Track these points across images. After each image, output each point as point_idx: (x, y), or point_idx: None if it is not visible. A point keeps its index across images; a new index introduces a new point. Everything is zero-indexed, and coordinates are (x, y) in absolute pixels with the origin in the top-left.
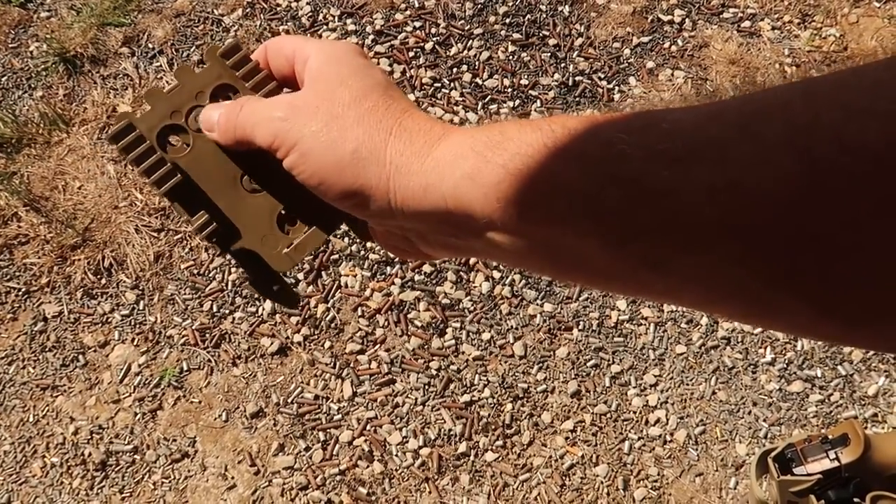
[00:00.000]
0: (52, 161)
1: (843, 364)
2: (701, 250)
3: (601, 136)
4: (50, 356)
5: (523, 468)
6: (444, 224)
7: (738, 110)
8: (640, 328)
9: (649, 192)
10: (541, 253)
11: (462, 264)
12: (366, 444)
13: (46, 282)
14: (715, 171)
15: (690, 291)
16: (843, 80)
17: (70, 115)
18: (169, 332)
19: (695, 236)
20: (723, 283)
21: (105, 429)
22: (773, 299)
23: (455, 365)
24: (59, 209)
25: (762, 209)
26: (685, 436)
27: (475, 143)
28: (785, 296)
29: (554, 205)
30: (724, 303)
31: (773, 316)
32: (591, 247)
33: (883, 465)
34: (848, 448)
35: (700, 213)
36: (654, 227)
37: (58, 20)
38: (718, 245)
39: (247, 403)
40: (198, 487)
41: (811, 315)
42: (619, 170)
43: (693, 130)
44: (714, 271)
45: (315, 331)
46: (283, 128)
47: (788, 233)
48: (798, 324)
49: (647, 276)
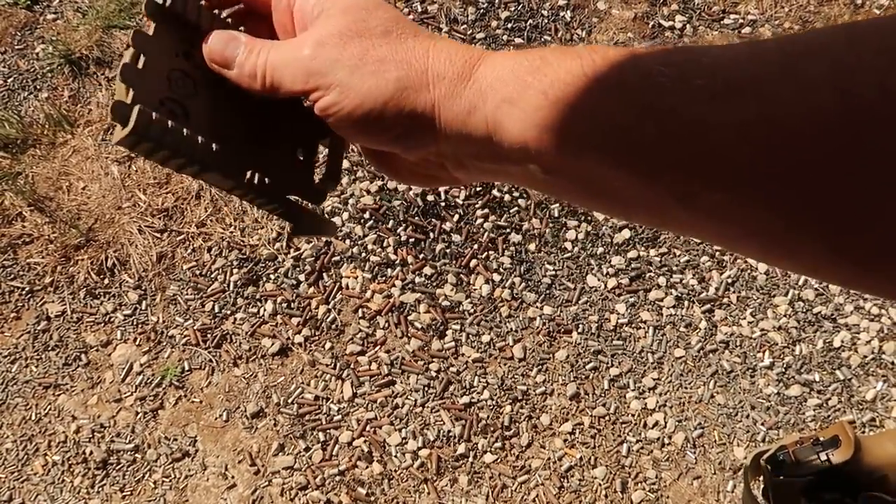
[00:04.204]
0: (57, 162)
1: (842, 368)
2: (729, 187)
3: (641, 67)
4: (52, 355)
5: (522, 470)
6: (484, 147)
7: (779, 50)
8: (639, 331)
9: (685, 126)
10: (573, 181)
11: (462, 267)
12: (365, 444)
13: (50, 281)
14: (752, 108)
15: (713, 227)
16: (886, 28)
17: (75, 117)
18: (171, 331)
19: (725, 173)
20: (747, 221)
21: (106, 427)
22: (793, 240)
23: (455, 367)
24: (63, 209)
25: (796, 147)
26: (683, 439)
27: (516, 67)
28: (806, 237)
29: (590, 135)
30: (745, 240)
31: (791, 256)
32: (622, 177)
33: (873, 466)
34: (839, 449)
35: (733, 150)
36: (686, 162)
37: (63, 22)
38: (748, 184)
39: (247, 403)
40: (198, 486)
41: (830, 256)
42: (656, 101)
43: (733, 67)
44: (740, 209)
45: (316, 332)
46: (314, 67)
47: (819, 172)
48: (815, 265)
49: (673, 209)
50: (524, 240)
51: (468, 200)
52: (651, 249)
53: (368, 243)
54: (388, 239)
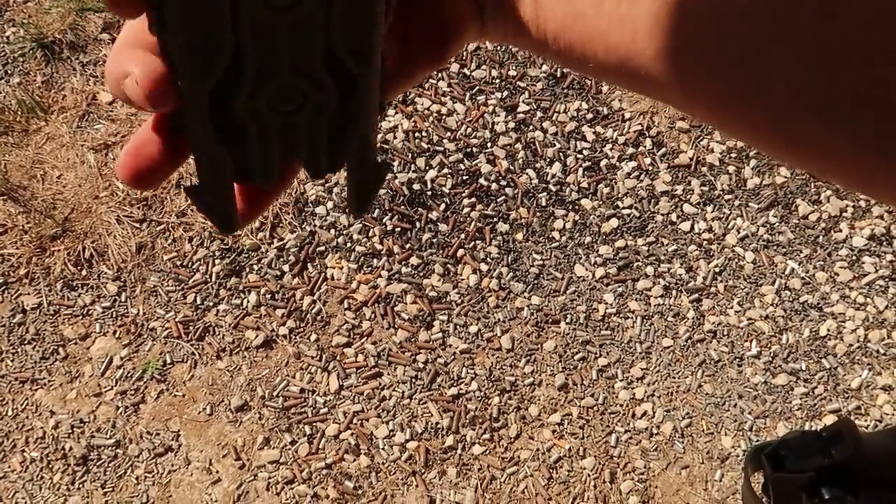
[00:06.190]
0: (31, 149)
1: (828, 357)
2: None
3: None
4: (29, 349)
5: (510, 461)
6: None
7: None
8: (627, 321)
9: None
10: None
11: (449, 257)
12: (352, 437)
13: (25, 273)
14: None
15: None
16: None
17: (48, 103)
18: (151, 324)
19: (748, 46)
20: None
21: (86, 423)
22: (811, 129)
23: (442, 358)
24: (38, 199)
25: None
26: (671, 428)
27: None
28: (825, 129)
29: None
30: (759, 130)
31: (810, 151)
32: (697, 74)
33: (876, 463)
34: (841, 446)
35: (752, 23)
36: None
37: (35, 5)
38: (763, 54)
39: (231, 397)
40: (182, 482)
41: (851, 150)
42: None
43: None
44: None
45: (301, 323)
46: None
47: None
48: (837, 160)
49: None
50: (511, 229)
51: (455, 189)
52: (639, 239)
53: (353, 233)
54: (374, 228)
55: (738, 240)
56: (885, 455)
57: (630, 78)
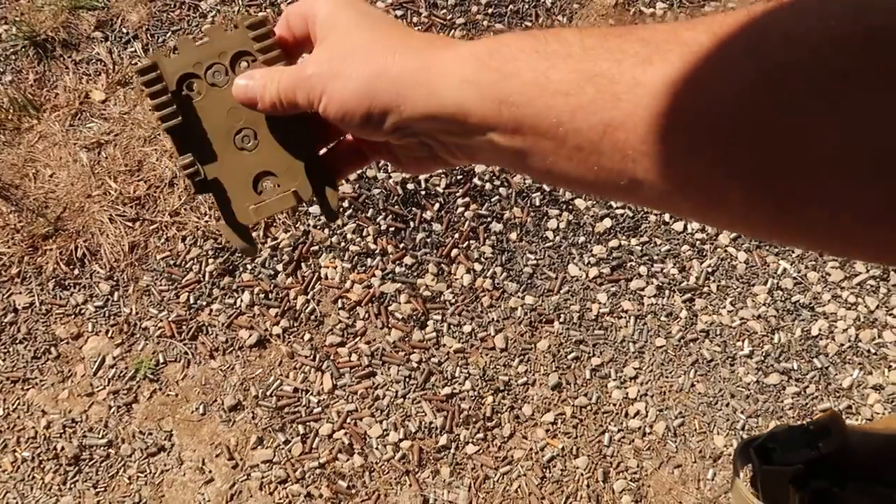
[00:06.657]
0: (23, 148)
1: (819, 357)
2: (654, 140)
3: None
4: (21, 348)
5: (504, 461)
6: (450, 124)
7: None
8: (620, 321)
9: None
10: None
11: (443, 257)
12: (346, 437)
13: (17, 272)
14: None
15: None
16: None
17: (41, 101)
18: (144, 323)
19: (652, 130)
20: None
21: (78, 422)
22: (714, 184)
23: (436, 357)
24: (30, 197)
25: (717, 104)
26: (664, 428)
27: (475, 51)
28: (723, 177)
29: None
30: (679, 192)
31: (712, 204)
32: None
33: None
34: (829, 438)
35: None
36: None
37: (27, 2)
38: (676, 135)
39: (224, 396)
40: (174, 481)
41: (746, 200)
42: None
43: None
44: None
45: (294, 323)
46: (312, 82)
47: (739, 122)
48: (734, 211)
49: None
50: (505, 229)
51: (449, 189)
52: (632, 238)
53: (347, 232)
54: (368, 228)
55: (731, 240)
56: (872, 448)
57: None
